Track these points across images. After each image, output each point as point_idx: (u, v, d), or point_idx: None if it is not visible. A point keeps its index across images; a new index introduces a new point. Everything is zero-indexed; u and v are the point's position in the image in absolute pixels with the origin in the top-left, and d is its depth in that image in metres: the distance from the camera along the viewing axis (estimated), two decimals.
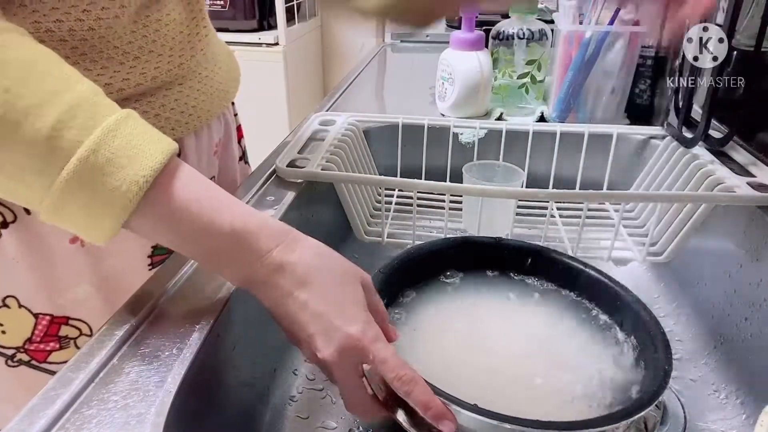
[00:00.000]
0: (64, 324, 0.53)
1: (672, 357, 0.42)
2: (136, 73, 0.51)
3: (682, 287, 0.70)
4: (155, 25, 0.52)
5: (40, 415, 0.32)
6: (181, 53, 0.56)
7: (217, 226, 0.38)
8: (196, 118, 0.59)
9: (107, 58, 0.49)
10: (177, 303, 0.43)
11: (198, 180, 0.39)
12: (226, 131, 0.69)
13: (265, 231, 0.39)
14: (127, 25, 0.49)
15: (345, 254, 0.42)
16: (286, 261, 0.39)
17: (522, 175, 0.71)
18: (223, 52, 0.67)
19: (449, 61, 0.83)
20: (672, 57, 0.73)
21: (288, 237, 0.40)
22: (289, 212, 0.58)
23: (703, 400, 0.56)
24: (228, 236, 0.38)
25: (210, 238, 0.38)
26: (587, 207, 0.61)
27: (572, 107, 0.82)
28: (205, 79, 0.60)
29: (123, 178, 0.35)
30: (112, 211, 0.35)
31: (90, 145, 0.34)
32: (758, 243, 0.56)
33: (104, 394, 0.34)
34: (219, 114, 0.65)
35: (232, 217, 0.38)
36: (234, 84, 0.68)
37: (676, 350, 0.62)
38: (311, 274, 0.39)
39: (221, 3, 2.09)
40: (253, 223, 0.39)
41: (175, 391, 0.34)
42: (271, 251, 0.39)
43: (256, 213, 0.40)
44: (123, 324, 0.40)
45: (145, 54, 0.52)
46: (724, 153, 0.67)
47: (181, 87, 0.57)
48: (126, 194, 0.35)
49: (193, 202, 0.37)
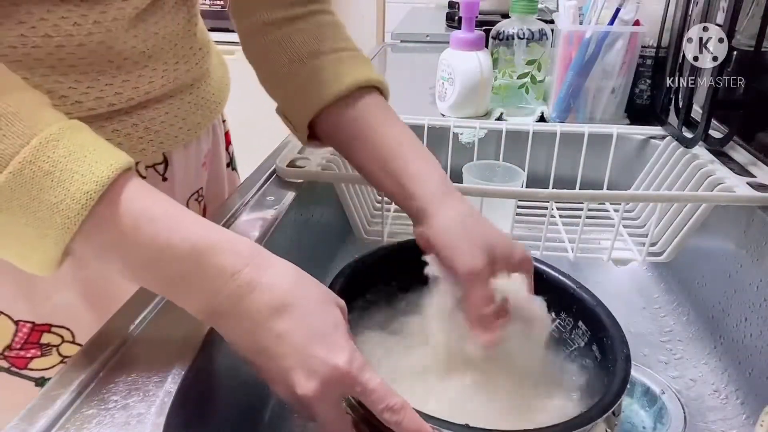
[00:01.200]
0: (46, 331, 0.51)
1: (629, 366, 0.39)
2: (128, 88, 0.49)
3: (682, 287, 0.70)
4: (152, 40, 0.50)
5: (40, 415, 0.32)
6: (176, 67, 0.54)
7: (173, 247, 0.33)
8: (185, 131, 0.57)
9: (98, 72, 0.46)
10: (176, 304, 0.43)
11: (152, 196, 0.35)
12: (214, 140, 0.67)
13: (230, 250, 0.34)
14: (119, 38, 0.47)
15: (345, 254, 0.42)
16: (257, 284, 0.34)
17: (522, 175, 0.71)
18: (216, 61, 0.65)
19: (449, 61, 0.83)
20: (672, 57, 0.73)
21: (257, 257, 0.35)
22: (289, 212, 0.58)
23: (703, 400, 0.56)
24: (187, 258, 0.33)
25: (166, 261, 0.33)
26: (587, 207, 0.61)
27: (572, 107, 0.82)
28: (197, 91, 0.58)
29: (63, 194, 0.30)
30: (51, 232, 0.31)
31: (26, 156, 0.30)
32: (758, 243, 0.56)
33: (104, 394, 0.34)
34: (209, 124, 0.63)
35: (191, 235, 0.34)
36: (225, 92, 0.66)
37: (676, 350, 0.62)
38: (287, 299, 0.34)
39: (221, 3, 2.09)
40: (215, 240, 0.34)
41: (175, 391, 0.34)
42: (238, 273, 0.34)
43: (219, 230, 0.36)
44: (123, 324, 0.40)
45: (139, 68, 0.50)
46: (724, 153, 0.67)
47: (172, 100, 0.55)
48: (66, 212, 0.30)
49: (145, 221, 0.33)
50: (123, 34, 0.47)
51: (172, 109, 0.55)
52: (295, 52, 0.52)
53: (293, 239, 0.60)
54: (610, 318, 0.44)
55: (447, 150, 0.78)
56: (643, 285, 0.74)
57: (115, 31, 0.46)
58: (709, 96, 0.63)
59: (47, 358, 0.52)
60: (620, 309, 0.68)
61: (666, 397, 0.54)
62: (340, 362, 0.33)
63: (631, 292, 0.73)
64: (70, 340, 0.52)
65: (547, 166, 0.77)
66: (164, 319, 0.41)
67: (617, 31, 0.76)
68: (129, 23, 0.47)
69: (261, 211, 0.56)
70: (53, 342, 0.51)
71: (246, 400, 0.49)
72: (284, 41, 0.52)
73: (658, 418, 0.53)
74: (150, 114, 0.52)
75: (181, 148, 0.57)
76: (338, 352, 0.33)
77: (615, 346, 0.41)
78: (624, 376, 0.38)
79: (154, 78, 0.51)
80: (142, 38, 0.49)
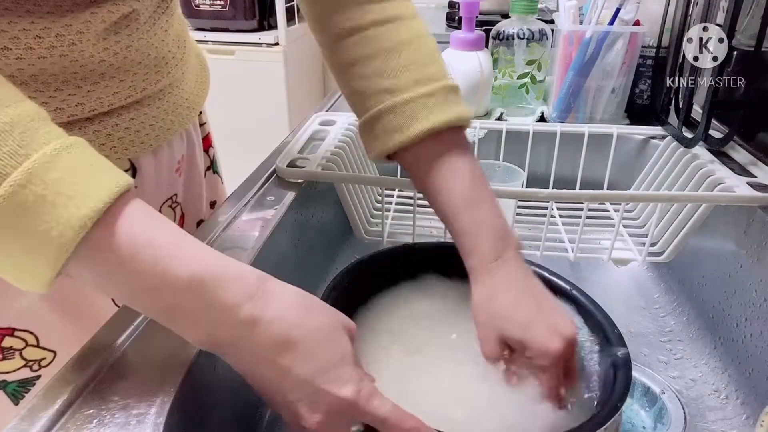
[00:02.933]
0: (9, 335, 0.49)
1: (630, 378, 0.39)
2: (92, 99, 0.47)
3: (682, 287, 0.70)
4: (123, 53, 0.48)
5: (40, 415, 0.32)
6: (145, 78, 0.52)
7: (173, 276, 0.31)
8: (153, 137, 0.54)
9: (62, 82, 0.44)
10: None
11: (153, 220, 0.33)
12: (189, 145, 0.63)
13: (233, 281, 0.33)
14: (85, 51, 0.45)
15: (345, 254, 0.42)
16: (260, 318, 0.33)
17: (522, 175, 0.71)
18: (194, 62, 0.62)
19: (449, 61, 0.83)
20: (672, 57, 0.73)
21: (261, 287, 0.34)
22: (289, 212, 0.58)
23: (703, 400, 0.56)
24: (187, 288, 0.32)
25: (165, 291, 0.32)
26: (587, 207, 0.61)
27: (572, 107, 0.82)
28: (168, 97, 0.56)
29: (56, 219, 0.29)
30: (42, 258, 0.29)
31: (18, 179, 0.28)
32: (758, 243, 0.56)
33: (104, 394, 0.34)
34: (181, 131, 0.60)
35: (192, 264, 0.32)
36: (202, 95, 0.63)
37: (676, 350, 0.62)
38: (291, 334, 0.33)
39: (221, 3, 2.09)
40: (217, 270, 0.33)
41: (175, 391, 0.34)
42: (240, 305, 0.33)
43: (222, 258, 0.34)
44: (124, 324, 0.40)
45: (106, 80, 0.47)
46: (724, 153, 0.67)
47: (138, 106, 0.52)
48: (59, 239, 0.29)
49: (144, 248, 0.31)
50: (90, 48, 0.45)
51: (138, 115, 0.52)
52: (366, 90, 0.49)
53: (293, 239, 0.60)
54: (607, 318, 0.44)
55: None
56: (643, 285, 0.74)
57: (80, 44, 0.44)
58: (709, 96, 0.63)
59: (10, 362, 0.50)
60: (620, 309, 0.69)
61: (666, 397, 0.54)
62: (347, 394, 0.33)
63: (631, 292, 0.73)
64: (34, 344, 0.51)
65: (547, 166, 0.77)
66: None
67: (617, 31, 0.76)
68: (96, 36, 0.45)
69: (261, 211, 0.56)
70: (16, 346, 0.50)
71: (246, 400, 0.49)
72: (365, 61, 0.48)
73: (658, 418, 0.53)
74: (113, 120, 0.50)
75: (149, 155, 0.55)
76: (344, 385, 0.33)
77: (613, 345, 0.41)
78: (626, 377, 0.38)
79: (121, 89, 0.49)
80: (113, 51, 0.47)
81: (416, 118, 0.47)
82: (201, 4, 2.12)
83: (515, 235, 0.47)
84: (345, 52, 0.49)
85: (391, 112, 0.47)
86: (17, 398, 0.51)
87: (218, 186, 0.74)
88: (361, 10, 0.48)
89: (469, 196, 0.47)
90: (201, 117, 0.68)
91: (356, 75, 0.49)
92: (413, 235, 0.66)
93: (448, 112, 0.48)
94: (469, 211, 0.46)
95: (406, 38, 0.49)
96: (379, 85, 0.48)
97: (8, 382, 0.50)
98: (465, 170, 0.47)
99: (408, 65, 0.48)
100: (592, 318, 0.45)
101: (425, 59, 0.49)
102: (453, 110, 0.48)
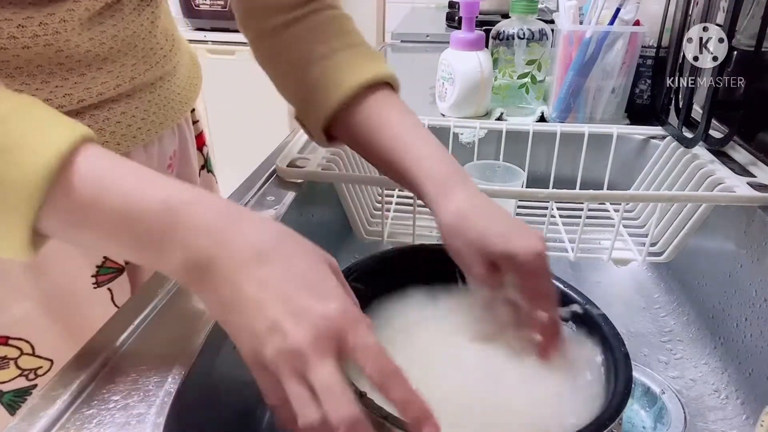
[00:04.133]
0: (3, 344, 0.49)
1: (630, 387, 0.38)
2: (79, 89, 0.47)
3: (682, 287, 0.70)
4: (109, 42, 0.48)
5: (40, 415, 0.32)
6: (133, 68, 0.51)
7: (145, 204, 0.31)
8: (145, 131, 0.54)
9: (48, 74, 0.45)
10: (177, 303, 0.43)
11: (118, 160, 0.33)
12: (181, 142, 0.63)
13: (206, 204, 0.32)
14: (70, 41, 0.45)
15: (345, 254, 0.42)
16: (238, 232, 0.31)
17: (522, 175, 0.71)
18: (186, 59, 0.63)
19: (449, 61, 0.83)
20: (672, 57, 0.73)
21: (236, 212, 0.33)
22: (289, 212, 0.58)
23: (703, 400, 0.56)
24: (159, 215, 0.31)
25: (137, 220, 0.31)
26: (587, 207, 0.61)
27: (572, 107, 0.82)
28: (159, 90, 0.56)
29: (21, 169, 0.29)
30: (14, 214, 0.29)
31: None
32: (758, 243, 0.56)
33: (104, 394, 0.34)
34: (173, 125, 0.60)
35: (162, 192, 0.31)
36: (194, 91, 0.63)
37: (676, 350, 0.62)
38: (268, 245, 0.31)
39: (221, 3, 2.09)
40: (189, 196, 0.32)
41: (175, 391, 0.34)
42: (216, 222, 0.31)
43: (195, 188, 0.34)
44: (124, 324, 0.40)
45: (93, 71, 0.47)
46: (724, 153, 0.67)
47: (129, 99, 0.52)
48: (25, 187, 0.29)
49: (113, 182, 0.31)
50: (75, 37, 0.45)
51: (129, 108, 0.52)
52: (299, 58, 0.51)
53: None
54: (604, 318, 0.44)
55: (447, 150, 0.77)
56: (643, 285, 0.74)
57: (64, 33, 0.44)
58: (709, 96, 0.63)
59: (5, 371, 0.50)
60: (620, 309, 0.69)
61: (666, 397, 0.54)
62: (331, 310, 0.29)
63: (631, 292, 0.73)
64: (29, 352, 0.50)
65: (547, 166, 0.77)
66: (165, 319, 0.41)
67: (617, 31, 0.76)
68: (81, 26, 0.45)
69: (261, 211, 0.56)
70: (11, 355, 0.50)
71: (246, 400, 0.49)
72: (289, 47, 0.52)
73: (658, 418, 0.53)
74: (104, 114, 0.50)
75: (140, 149, 0.55)
76: (329, 301, 0.30)
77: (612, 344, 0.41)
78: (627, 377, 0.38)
79: (108, 79, 0.49)
80: (98, 41, 0.47)
81: (353, 73, 0.49)
82: (201, 4, 2.12)
83: None
84: (277, 46, 0.52)
85: (323, 75, 0.49)
86: (13, 408, 0.51)
87: (213, 185, 0.74)
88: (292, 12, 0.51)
89: (415, 135, 0.48)
90: (194, 115, 0.68)
91: (293, 64, 0.51)
92: (413, 235, 0.66)
93: (381, 68, 0.50)
94: (417, 146, 0.47)
95: (330, 20, 0.52)
96: (313, 61, 0.50)
97: (4, 393, 0.50)
98: (403, 116, 0.49)
99: (337, 34, 0.52)
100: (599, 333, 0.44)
101: (357, 40, 0.52)
102: (383, 66, 0.50)
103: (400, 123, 0.48)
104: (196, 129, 0.69)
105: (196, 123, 0.68)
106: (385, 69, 0.50)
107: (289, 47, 0.52)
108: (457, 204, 0.42)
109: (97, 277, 0.53)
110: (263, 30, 0.52)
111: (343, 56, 0.50)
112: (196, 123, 0.68)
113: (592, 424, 0.35)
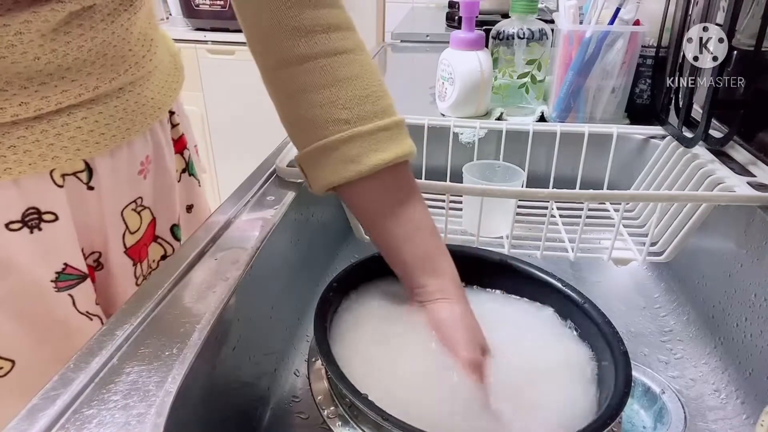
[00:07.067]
0: None
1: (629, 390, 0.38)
2: (36, 98, 0.45)
3: (682, 287, 0.70)
4: (74, 53, 0.46)
5: (40, 415, 0.32)
6: (99, 77, 0.49)
7: None
8: (109, 137, 0.51)
9: (5, 83, 0.43)
10: (177, 303, 0.43)
11: None
12: (156, 147, 0.60)
13: None
14: (28, 53, 0.43)
15: (345, 254, 0.42)
16: None
17: (522, 175, 0.71)
18: (165, 62, 0.60)
19: (449, 60, 0.83)
20: (672, 57, 0.73)
21: None
22: (289, 212, 0.58)
23: (703, 400, 0.56)
24: None
25: None
26: (587, 207, 0.61)
27: (572, 107, 0.82)
28: (129, 95, 0.53)
29: None
30: None
31: None
32: (758, 243, 0.56)
33: (104, 394, 0.34)
34: (145, 131, 0.57)
35: None
36: (171, 95, 0.61)
37: (676, 350, 0.62)
38: None
39: (221, 3, 2.09)
40: None
41: (175, 391, 0.34)
42: None
43: None
44: (123, 324, 0.40)
45: (55, 80, 0.45)
46: (724, 153, 0.67)
47: (92, 105, 0.49)
48: None
49: None
50: (34, 49, 0.43)
51: (92, 114, 0.50)
52: (318, 118, 0.46)
53: (293, 239, 0.60)
54: (602, 316, 0.44)
55: (447, 150, 0.78)
56: (643, 285, 0.74)
57: (20, 45, 0.42)
58: (709, 96, 0.63)
59: None
60: (620, 309, 0.69)
61: (666, 396, 0.54)
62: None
63: (631, 292, 0.73)
64: None
65: (547, 165, 0.77)
66: (164, 319, 0.41)
67: (617, 30, 0.76)
68: (42, 37, 0.43)
69: (261, 211, 0.56)
70: None
71: (246, 400, 0.49)
72: (305, 99, 0.47)
73: (658, 418, 0.53)
74: (62, 119, 0.47)
75: (106, 155, 0.52)
76: None
77: (612, 344, 0.41)
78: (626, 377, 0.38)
79: (71, 88, 0.47)
80: (62, 52, 0.45)
81: (376, 150, 0.46)
82: (201, 4, 2.12)
83: None
84: (294, 78, 0.47)
85: (349, 142, 0.45)
86: None
87: (195, 189, 0.71)
88: (311, 39, 0.45)
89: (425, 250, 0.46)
90: (174, 118, 0.65)
91: (306, 102, 0.46)
92: None
93: (403, 145, 0.47)
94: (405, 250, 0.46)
95: (359, 71, 0.47)
96: (333, 115, 0.46)
97: None
98: (420, 219, 0.47)
99: (364, 97, 0.46)
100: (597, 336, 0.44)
101: (379, 92, 0.48)
102: (406, 143, 0.48)
103: (396, 221, 0.47)
104: (176, 132, 0.66)
105: (176, 126, 0.66)
106: (404, 148, 0.47)
107: (305, 99, 0.47)
108: (433, 316, 0.44)
109: (57, 283, 0.51)
110: (280, 61, 0.48)
111: (364, 130, 0.46)
112: (176, 126, 0.66)
113: (592, 423, 0.35)
